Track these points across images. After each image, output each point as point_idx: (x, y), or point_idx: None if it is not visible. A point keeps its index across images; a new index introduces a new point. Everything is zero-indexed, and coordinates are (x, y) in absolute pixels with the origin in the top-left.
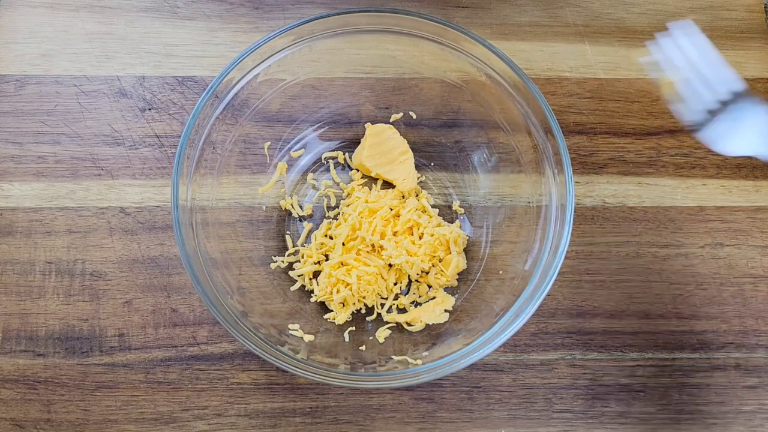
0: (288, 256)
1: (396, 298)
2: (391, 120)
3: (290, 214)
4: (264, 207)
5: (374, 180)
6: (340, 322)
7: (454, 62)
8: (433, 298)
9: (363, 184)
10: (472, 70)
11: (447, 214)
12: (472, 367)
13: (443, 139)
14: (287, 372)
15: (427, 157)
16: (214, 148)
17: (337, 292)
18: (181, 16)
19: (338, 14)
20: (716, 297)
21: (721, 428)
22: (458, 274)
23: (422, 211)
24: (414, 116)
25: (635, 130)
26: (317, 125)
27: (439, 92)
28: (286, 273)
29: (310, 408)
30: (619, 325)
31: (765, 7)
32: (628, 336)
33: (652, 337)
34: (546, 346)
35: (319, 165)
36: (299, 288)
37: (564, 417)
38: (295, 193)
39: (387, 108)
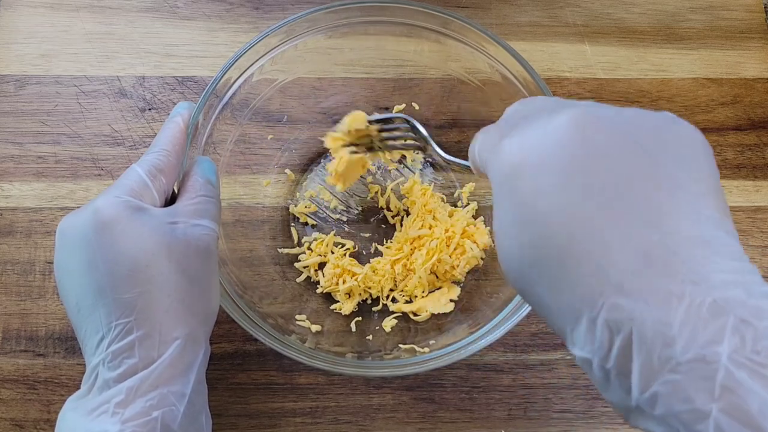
0: (294, 248)
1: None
2: (393, 111)
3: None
4: (264, 205)
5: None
6: (346, 313)
7: (458, 59)
8: (439, 288)
9: None
10: (475, 66)
11: None
12: (472, 366)
13: (444, 138)
14: (295, 361)
15: (428, 158)
16: (215, 148)
17: (343, 282)
18: (181, 16)
19: (338, 7)
20: None
21: None
22: None
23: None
24: (417, 107)
25: None
26: (317, 124)
27: (440, 91)
28: (292, 264)
29: (310, 408)
30: None
31: (765, 7)
32: None
33: None
34: (546, 346)
35: (318, 162)
36: (305, 279)
37: (564, 417)
38: (298, 191)
39: (387, 108)
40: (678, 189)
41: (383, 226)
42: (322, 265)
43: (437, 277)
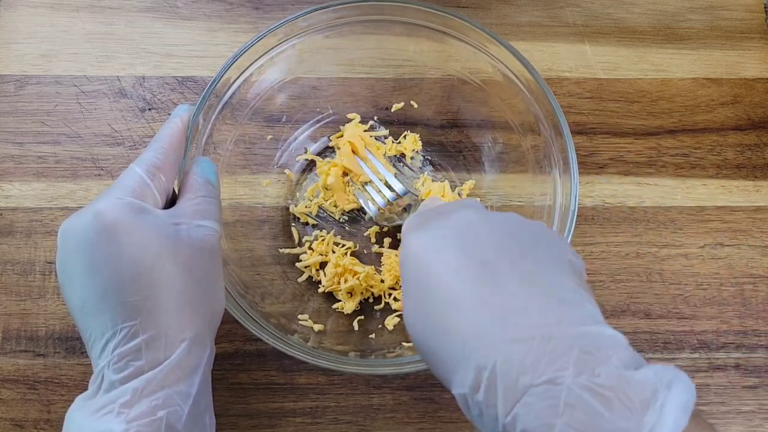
0: (294, 248)
1: None
2: (392, 110)
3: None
4: (264, 205)
5: None
6: (348, 312)
7: (458, 59)
8: None
9: None
10: (476, 65)
11: None
12: None
13: (444, 137)
14: (298, 360)
15: (427, 156)
16: (215, 148)
17: (345, 281)
18: (181, 16)
19: (337, 6)
20: (716, 297)
21: (720, 428)
22: None
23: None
24: (416, 106)
25: (635, 130)
26: (317, 124)
27: (440, 91)
28: (293, 264)
29: (310, 408)
30: (619, 324)
31: (765, 7)
32: (628, 336)
33: (652, 337)
34: None
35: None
36: (306, 279)
37: None
38: (297, 191)
39: (387, 108)
40: (537, 268)
41: None
42: (323, 265)
43: None
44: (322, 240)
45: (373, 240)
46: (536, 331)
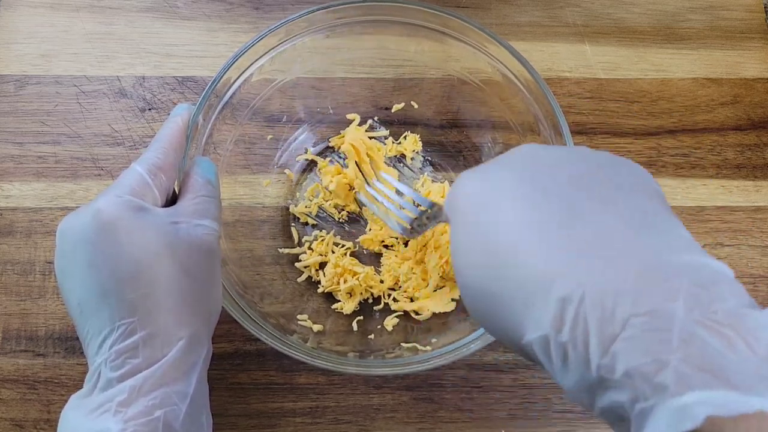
0: (294, 248)
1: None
2: (393, 110)
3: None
4: (264, 205)
5: None
6: (348, 312)
7: (458, 59)
8: (443, 287)
9: None
10: (476, 65)
11: None
12: (472, 366)
13: (444, 138)
14: (297, 361)
15: (427, 157)
16: (215, 148)
17: (344, 282)
18: (181, 16)
19: (337, 6)
20: None
21: None
22: None
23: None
24: (417, 106)
25: (635, 130)
26: (317, 124)
27: (440, 91)
28: (292, 264)
29: (310, 408)
30: None
31: (765, 7)
32: None
33: None
34: None
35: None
36: (306, 279)
37: (564, 417)
38: (297, 191)
39: (387, 108)
40: (620, 194)
41: None
42: (322, 265)
43: (441, 277)
44: (322, 240)
45: None
46: (631, 258)
